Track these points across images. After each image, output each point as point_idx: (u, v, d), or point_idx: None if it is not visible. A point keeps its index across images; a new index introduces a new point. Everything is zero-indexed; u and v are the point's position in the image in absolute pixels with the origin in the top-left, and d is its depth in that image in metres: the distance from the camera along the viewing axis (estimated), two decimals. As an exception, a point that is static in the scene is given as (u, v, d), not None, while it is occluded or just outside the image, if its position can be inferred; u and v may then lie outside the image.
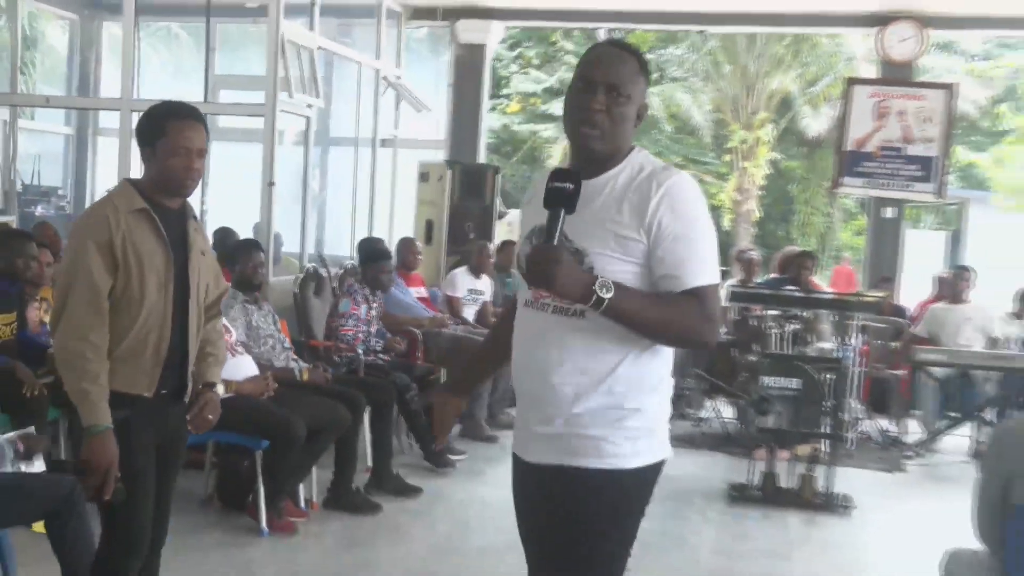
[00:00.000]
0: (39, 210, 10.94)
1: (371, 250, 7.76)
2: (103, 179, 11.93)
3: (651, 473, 2.63)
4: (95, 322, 3.22)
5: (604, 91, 2.54)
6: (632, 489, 2.61)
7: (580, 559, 2.61)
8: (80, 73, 12.49)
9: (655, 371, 2.62)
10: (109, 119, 12.04)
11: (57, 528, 4.00)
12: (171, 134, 3.31)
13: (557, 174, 2.51)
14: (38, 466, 4.37)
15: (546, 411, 2.60)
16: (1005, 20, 11.07)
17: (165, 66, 14.55)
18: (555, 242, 2.44)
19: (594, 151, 2.57)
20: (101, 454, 3.20)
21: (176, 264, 3.38)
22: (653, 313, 2.50)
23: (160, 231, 3.33)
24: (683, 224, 2.51)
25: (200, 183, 3.56)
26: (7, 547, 4.12)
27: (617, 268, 2.50)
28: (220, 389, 3.72)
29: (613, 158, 2.60)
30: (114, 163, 9.90)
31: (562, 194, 2.47)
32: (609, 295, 2.41)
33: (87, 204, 12.07)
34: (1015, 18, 10.87)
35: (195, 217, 3.55)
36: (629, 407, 2.57)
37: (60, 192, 11.94)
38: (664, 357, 2.64)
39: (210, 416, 3.56)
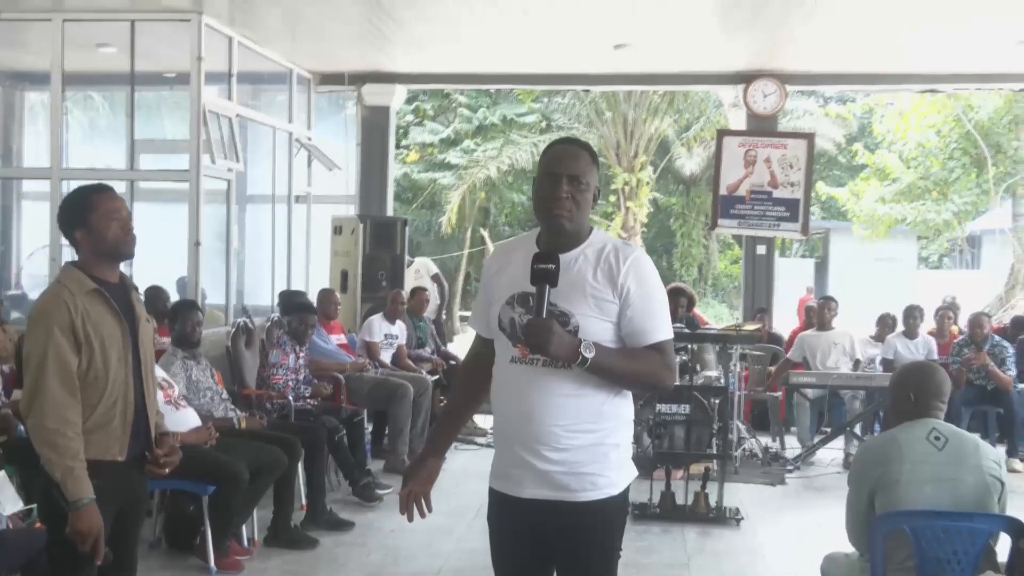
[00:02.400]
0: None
1: (295, 304, 7.97)
2: (28, 243, 11.85)
3: (629, 490, 3.03)
4: (70, 401, 3.33)
5: (568, 182, 2.92)
6: (621, 508, 3.03)
7: (602, 570, 3.01)
8: (4, 141, 12.41)
9: (628, 409, 3.02)
10: (32, 184, 12.02)
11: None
12: (99, 207, 3.46)
13: (538, 257, 2.86)
14: (12, 506, 4.51)
15: (539, 449, 2.90)
16: (856, 76, 11.76)
17: (83, 128, 14.47)
18: (544, 315, 2.80)
19: (564, 229, 2.94)
20: (90, 524, 3.31)
21: (130, 334, 3.52)
22: (626, 365, 2.90)
23: (114, 308, 3.47)
24: (646, 290, 2.92)
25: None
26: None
27: (597, 327, 2.88)
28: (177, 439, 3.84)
29: (579, 235, 2.97)
30: (38, 226, 9.94)
31: (546, 273, 2.83)
32: (591, 354, 2.79)
33: (13, 267, 12.01)
34: (864, 74, 11.56)
35: (135, 288, 3.69)
36: (611, 442, 2.95)
37: (-11, 256, 11.87)
38: (630, 398, 3.03)
39: (175, 459, 3.71)
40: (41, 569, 4.06)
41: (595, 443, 2.93)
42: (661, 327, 2.95)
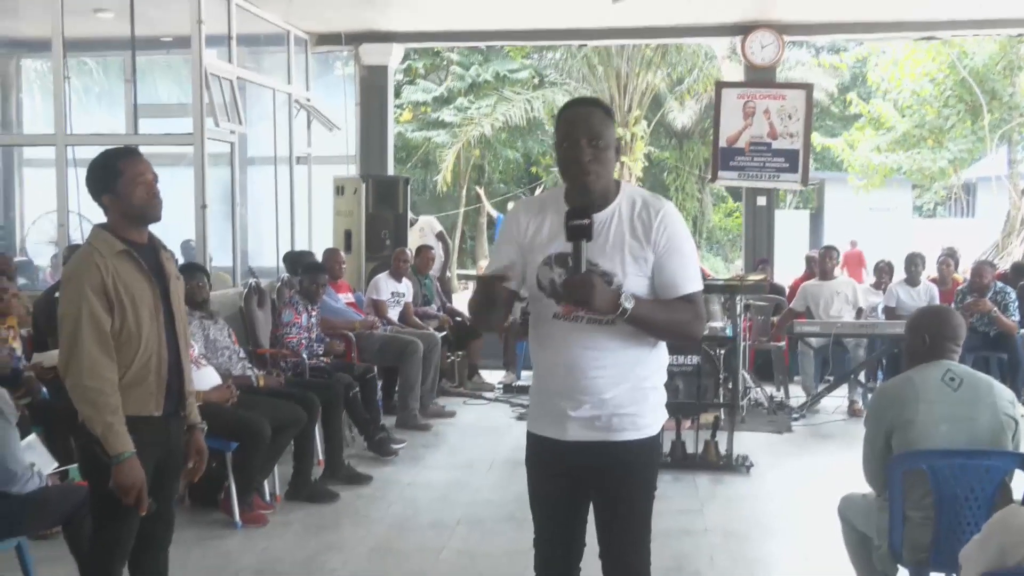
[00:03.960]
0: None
1: (305, 263, 8.05)
2: (31, 209, 11.90)
3: (662, 432, 3.20)
4: (105, 360, 3.43)
5: (588, 143, 2.98)
6: (657, 447, 3.22)
7: (639, 508, 3.16)
8: (2, 108, 12.41)
9: (663, 357, 3.17)
10: (34, 151, 12.03)
11: (73, 532, 4.28)
12: (127, 171, 3.52)
13: (572, 213, 2.95)
14: (48, 465, 4.62)
15: (582, 400, 3.05)
16: (853, 25, 11.78)
17: (78, 94, 14.48)
18: (584, 269, 2.91)
19: (593, 191, 3.02)
20: (132, 477, 3.41)
21: (160, 293, 3.60)
22: (662, 316, 3.01)
23: (143, 267, 3.55)
24: (677, 243, 3.04)
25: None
26: (26, 551, 4.36)
27: (637, 284, 3.00)
28: (204, 426, 3.92)
29: (608, 193, 3.06)
30: (43, 193, 9.99)
31: (582, 229, 2.92)
32: (631, 305, 2.90)
33: (18, 234, 12.06)
34: (861, 23, 11.58)
35: (164, 247, 3.76)
36: (649, 386, 3.11)
37: (-1, 225, 11.94)
38: (665, 347, 3.16)
39: (202, 466, 3.85)
40: (81, 524, 4.18)
41: (634, 387, 3.08)
42: (692, 279, 3.07)
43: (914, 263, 9.81)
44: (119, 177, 3.52)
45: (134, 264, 3.54)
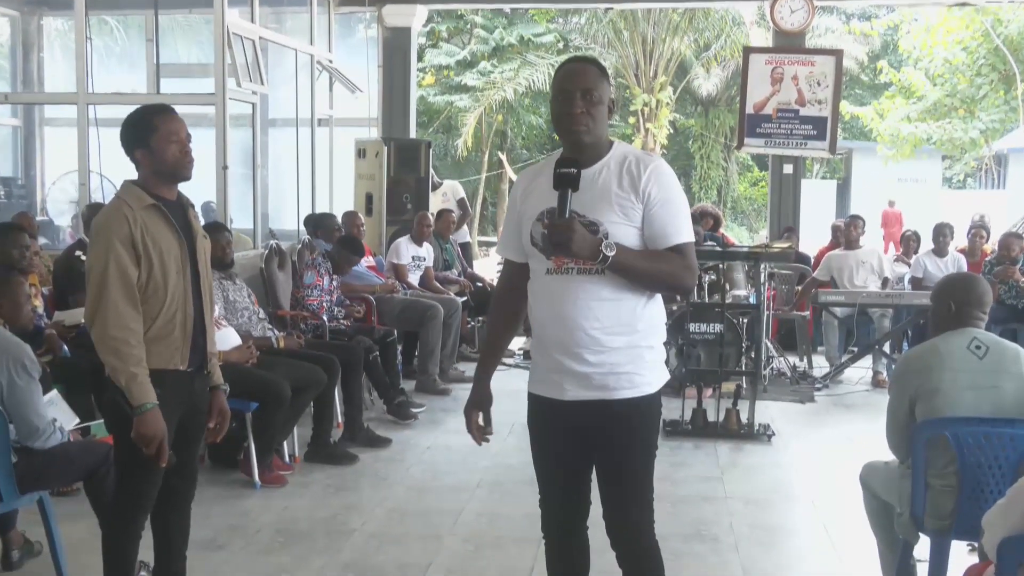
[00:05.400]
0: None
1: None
2: (52, 169, 11.97)
3: (661, 392, 3.20)
4: (131, 311, 3.47)
5: (581, 96, 3.05)
6: (656, 406, 3.20)
7: (639, 465, 3.19)
8: (24, 67, 12.46)
9: (660, 314, 3.19)
10: (55, 110, 12.09)
11: (95, 487, 4.34)
12: (161, 128, 3.55)
13: (561, 163, 3.01)
14: (70, 421, 4.68)
15: (579, 353, 3.08)
16: (885, -9, 11.69)
17: (99, 53, 14.51)
18: (567, 215, 2.94)
19: (584, 143, 3.07)
20: (154, 428, 3.46)
21: (187, 249, 3.65)
22: (647, 265, 3.05)
23: (171, 222, 3.59)
24: (667, 195, 3.07)
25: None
26: (49, 505, 4.43)
27: (624, 232, 3.03)
28: (227, 388, 3.98)
29: (600, 149, 3.12)
30: (63, 151, 10.01)
31: (568, 177, 2.98)
32: (612, 252, 2.94)
33: (39, 193, 12.13)
34: (894, -12, 11.50)
35: (192, 206, 3.79)
36: (645, 344, 3.12)
37: (19, 182, 11.96)
38: (662, 304, 3.19)
39: (225, 425, 3.92)
40: (103, 479, 4.25)
41: (631, 345, 3.09)
42: (681, 230, 3.10)
43: (942, 233, 9.77)
44: (153, 133, 3.56)
45: (163, 218, 3.58)
